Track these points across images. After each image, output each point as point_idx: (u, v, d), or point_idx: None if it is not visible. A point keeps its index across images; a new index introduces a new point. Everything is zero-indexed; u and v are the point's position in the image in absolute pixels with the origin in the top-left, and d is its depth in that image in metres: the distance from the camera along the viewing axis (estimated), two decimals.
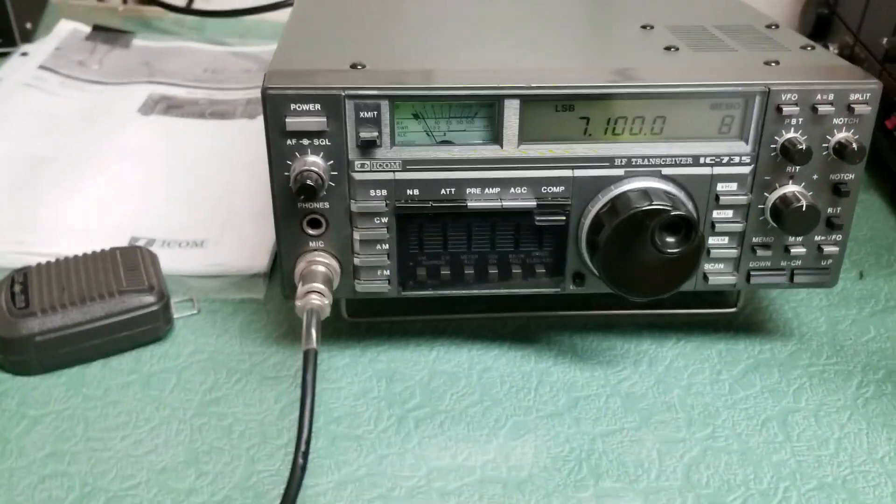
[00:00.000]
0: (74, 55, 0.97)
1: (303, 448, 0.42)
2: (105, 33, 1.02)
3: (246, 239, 0.67)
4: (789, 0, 1.05)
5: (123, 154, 0.78)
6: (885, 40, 0.70)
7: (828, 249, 0.53)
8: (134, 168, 0.76)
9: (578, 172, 0.50)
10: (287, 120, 0.47)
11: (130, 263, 0.59)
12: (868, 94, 0.50)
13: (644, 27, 0.60)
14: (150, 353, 0.58)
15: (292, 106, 0.47)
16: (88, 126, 0.82)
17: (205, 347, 0.58)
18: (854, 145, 0.49)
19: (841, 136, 0.50)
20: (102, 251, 0.60)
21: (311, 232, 0.51)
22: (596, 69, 0.51)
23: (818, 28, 0.90)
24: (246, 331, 0.60)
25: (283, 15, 0.90)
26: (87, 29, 1.03)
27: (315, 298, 0.48)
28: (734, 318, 0.62)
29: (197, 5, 1.13)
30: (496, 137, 0.50)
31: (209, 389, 0.55)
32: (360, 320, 0.61)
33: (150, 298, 0.57)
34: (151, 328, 0.57)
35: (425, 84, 0.48)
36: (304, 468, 0.42)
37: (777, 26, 0.60)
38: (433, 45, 0.55)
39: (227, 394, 0.55)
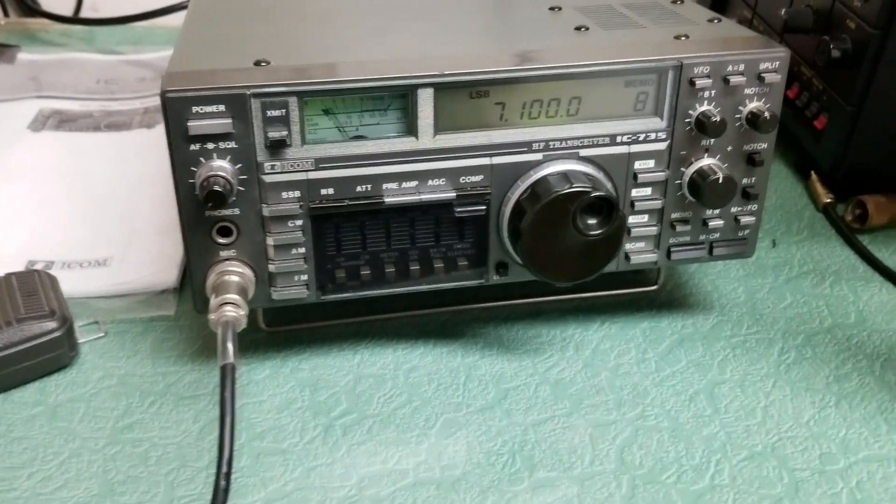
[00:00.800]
0: None
1: (224, 469, 0.40)
2: None
3: (152, 254, 0.64)
4: None
5: (14, 174, 0.73)
6: (783, 11, 0.72)
7: (745, 220, 0.54)
8: (27, 188, 0.72)
9: (496, 160, 0.49)
10: (189, 123, 0.45)
11: (28, 289, 0.55)
12: (777, 63, 0.50)
13: (552, 9, 0.59)
14: (55, 383, 0.54)
15: (194, 108, 0.45)
16: None
17: (114, 371, 0.55)
18: (766, 114, 0.50)
19: (753, 105, 0.50)
20: None
21: (221, 241, 0.48)
22: (508, 53, 0.50)
23: (716, 2, 0.92)
24: (158, 350, 0.57)
25: (176, 19, 0.86)
26: None
27: (229, 310, 0.46)
28: (656, 295, 0.62)
29: (84, 14, 1.08)
30: (411, 129, 0.48)
31: (121, 415, 0.52)
32: (279, 329, 0.58)
33: (51, 324, 0.53)
34: (55, 356, 0.54)
35: (334, 77, 0.46)
36: (226, 490, 0.40)
37: (682, 1, 0.60)
38: (340, 37, 0.53)
39: (141, 418, 0.52)
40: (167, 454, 0.49)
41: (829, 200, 0.71)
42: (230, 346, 0.44)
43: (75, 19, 1.02)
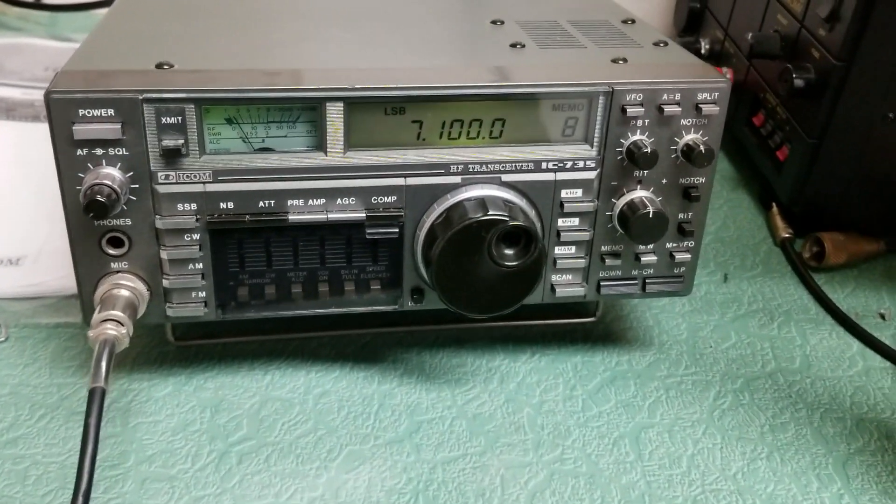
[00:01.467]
0: None
1: (80, 502, 0.37)
2: None
3: (67, 256, 0.60)
4: None
5: None
6: (749, 35, 0.68)
7: (680, 257, 0.51)
8: None
9: (411, 181, 0.46)
10: (75, 127, 0.42)
11: None
12: (717, 94, 0.47)
13: (494, 22, 0.56)
14: None
15: (80, 111, 0.42)
16: None
17: (8, 380, 0.52)
18: (702, 147, 0.47)
19: (689, 137, 0.47)
20: None
21: (111, 252, 0.45)
22: (431, 69, 0.47)
23: (690, 22, 0.89)
24: (58, 359, 0.54)
25: None
26: None
27: (111, 328, 0.43)
28: (593, 327, 0.59)
29: None
30: (320, 144, 0.45)
31: (7, 428, 0.49)
32: (188, 343, 0.55)
33: None
34: None
35: (236, 86, 0.43)
36: None
37: (633, 21, 0.57)
38: (256, 43, 0.50)
39: (28, 433, 0.49)
40: (48, 474, 0.46)
41: (787, 235, 0.68)
42: (103, 367, 0.41)
43: (34, 4, 0.99)
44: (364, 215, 0.46)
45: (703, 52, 0.83)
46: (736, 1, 0.79)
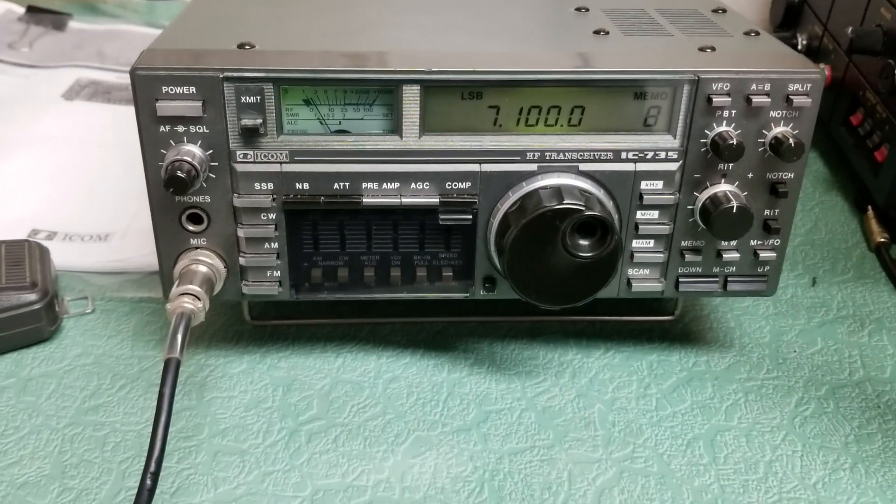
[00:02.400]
0: (4, 37, 0.92)
1: (152, 468, 0.38)
2: (39, 15, 0.97)
3: (152, 235, 0.62)
4: None
5: (38, 141, 0.73)
6: (850, 29, 0.65)
7: (764, 255, 0.49)
8: (46, 157, 0.71)
9: (486, 167, 0.46)
10: (158, 104, 0.43)
11: (15, 258, 0.54)
12: (809, 85, 0.45)
13: (579, 9, 0.55)
14: (32, 356, 0.53)
15: (164, 88, 0.43)
16: (5, 111, 0.78)
17: (92, 350, 0.54)
18: (791, 141, 0.45)
19: (778, 130, 0.45)
20: None
21: (191, 228, 0.46)
22: (508, 53, 0.46)
23: (788, 17, 0.85)
24: (140, 333, 0.55)
25: None
26: (20, 9, 0.98)
27: (187, 302, 0.44)
28: (671, 326, 0.57)
29: None
30: (396, 127, 0.45)
31: (90, 396, 0.50)
32: (264, 323, 0.56)
33: (31, 296, 0.52)
34: (34, 328, 0.53)
35: (314, 66, 0.44)
36: (152, 490, 0.38)
37: (724, 11, 0.55)
38: (336, 26, 0.50)
39: (108, 401, 0.50)
40: (126, 441, 0.48)
41: (882, 240, 0.65)
42: (179, 339, 0.42)
43: None
44: (438, 201, 0.46)
45: (799, 48, 0.80)
46: None
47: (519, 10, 0.55)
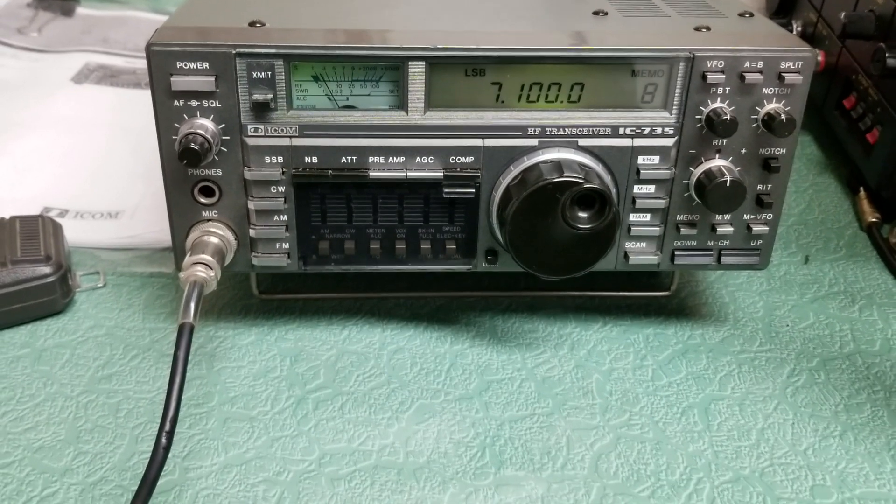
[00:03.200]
0: (13, 22, 0.93)
1: (167, 427, 0.39)
2: (48, 1, 0.99)
3: (161, 212, 0.63)
4: None
5: (49, 123, 0.75)
6: (843, 15, 0.67)
7: (757, 229, 0.50)
8: (57, 138, 0.73)
9: (489, 142, 0.47)
10: (173, 79, 0.44)
11: (29, 232, 0.56)
12: (800, 63, 0.46)
13: None
14: (46, 327, 0.55)
15: (178, 64, 0.44)
16: (17, 94, 0.79)
17: (104, 322, 0.55)
18: (783, 117, 0.46)
19: (770, 107, 0.47)
20: (2, 220, 0.57)
21: (203, 200, 0.48)
22: (511, 32, 0.48)
23: (783, 4, 0.87)
24: (151, 306, 0.57)
25: None
26: None
27: (200, 270, 0.45)
28: (667, 301, 0.59)
29: None
30: (401, 103, 0.47)
31: (102, 366, 0.52)
32: (271, 297, 0.58)
33: (45, 269, 0.54)
34: (48, 300, 0.54)
35: (322, 43, 0.45)
36: (167, 448, 0.40)
37: None
38: (344, 5, 0.52)
39: (121, 370, 0.52)
40: (138, 408, 0.49)
41: (874, 220, 0.66)
42: (192, 305, 0.43)
43: None
44: (442, 174, 0.47)
45: (794, 33, 0.82)
46: None
47: None
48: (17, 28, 0.93)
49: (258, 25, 0.47)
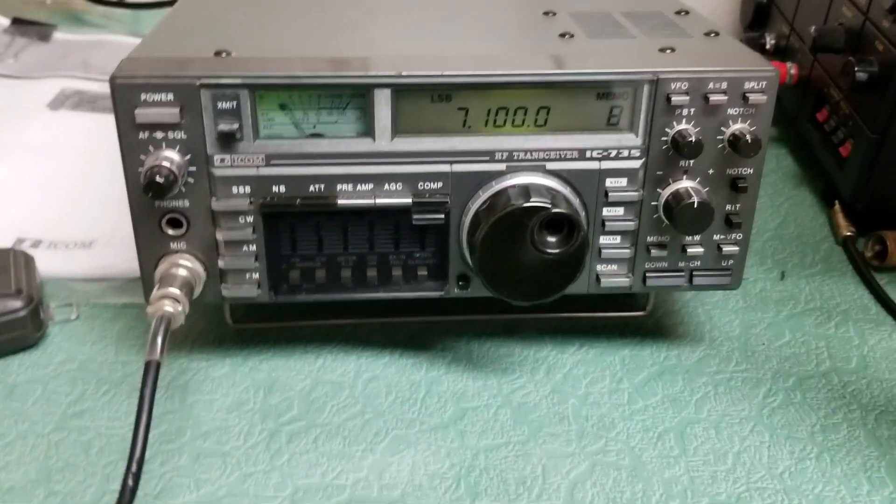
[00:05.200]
0: None
1: (133, 469, 0.39)
2: (24, 26, 0.98)
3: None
4: None
5: (24, 150, 0.75)
6: (812, 29, 0.67)
7: (727, 249, 0.50)
8: (32, 165, 0.73)
9: (457, 167, 0.47)
10: (137, 111, 0.44)
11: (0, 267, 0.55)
12: (764, 83, 0.46)
13: (546, 13, 0.56)
14: (18, 362, 0.54)
15: (143, 96, 0.44)
16: None
17: (77, 356, 0.55)
18: (748, 137, 0.46)
19: (736, 127, 0.47)
20: None
21: (171, 232, 0.47)
22: (477, 57, 0.48)
23: (757, 17, 0.87)
24: (123, 338, 0.56)
25: None
26: (6, 22, 0.99)
27: (167, 305, 0.45)
28: (643, 321, 0.59)
29: None
30: (368, 130, 0.47)
31: (74, 401, 0.51)
32: (245, 326, 0.57)
33: (16, 303, 0.53)
34: (19, 335, 0.54)
35: (288, 73, 0.45)
36: (133, 490, 0.39)
37: (687, 13, 0.57)
38: (310, 31, 0.52)
39: (93, 406, 0.51)
40: (109, 445, 0.49)
41: (849, 234, 0.66)
42: (159, 341, 0.43)
43: (116, 3, 1.03)
44: (411, 201, 0.47)
45: (768, 47, 0.82)
46: None
47: (489, 14, 0.56)
48: None
49: (223, 55, 0.47)
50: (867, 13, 0.63)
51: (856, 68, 0.60)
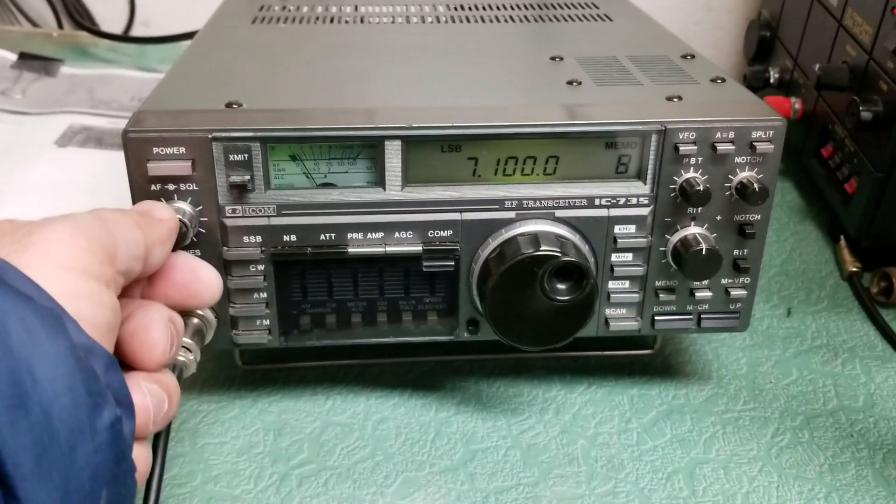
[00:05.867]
0: None
1: None
2: (31, 61, 0.99)
3: None
4: (735, 22, 1.03)
5: (31, 189, 0.75)
6: (817, 67, 0.68)
7: (735, 293, 0.51)
8: (40, 204, 0.73)
9: (467, 216, 0.48)
10: (149, 164, 0.45)
11: None
12: (772, 132, 0.47)
13: (553, 59, 0.57)
14: None
15: (155, 150, 0.45)
16: (0, 159, 0.79)
17: None
18: (756, 186, 0.47)
19: (743, 175, 0.47)
20: None
21: None
22: (485, 107, 0.48)
23: (761, 50, 0.88)
24: None
25: None
26: (13, 57, 1.00)
27: (179, 354, 0.45)
28: (651, 359, 0.59)
29: (136, 29, 1.10)
30: (379, 180, 0.47)
31: None
32: (255, 368, 0.58)
33: None
34: None
35: (300, 125, 0.45)
36: None
37: (693, 56, 0.58)
38: (321, 81, 0.52)
39: None
40: None
41: (854, 269, 0.67)
42: None
43: (122, 37, 1.04)
44: (421, 248, 0.48)
45: (772, 81, 0.83)
46: (805, 31, 0.78)
47: (496, 61, 0.57)
48: (0, 90, 0.93)
49: (235, 107, 0.47)
50: (871, 53, 0.63)
51: (861, 107, 0.61)
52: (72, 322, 0.32)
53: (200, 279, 0.43)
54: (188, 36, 1.01)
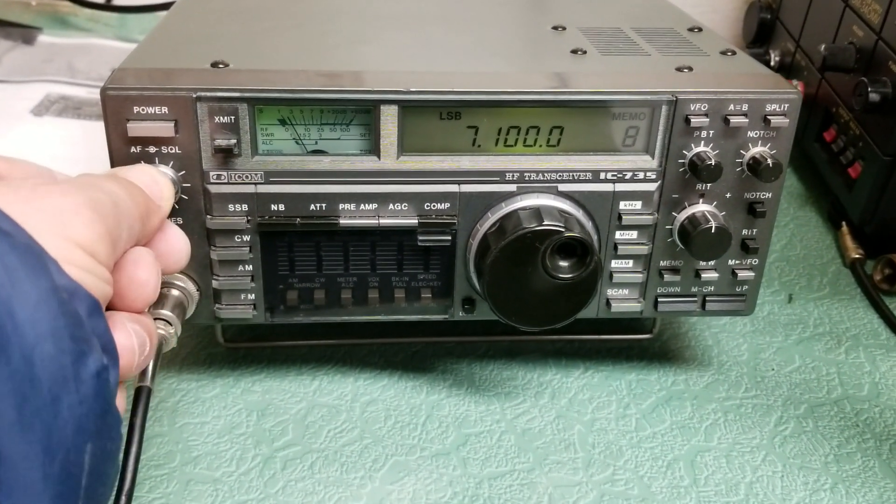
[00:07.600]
0: None
1: (122, 502, 0.36)
2: (8, 28, 0.95)
3: None
4: (734, 5, 1.01)
5: None
6: (822, 47, 0.66)
7: (742, 275, 0.49)
8: None
9: (465, 188, 0.45)
10: (129, 125, 0.42)
11: None
12: (787, 105, 0.45)
13: (555, 28, 0.55)
14: None
15: (135, 108, 0.42)
16: None
17: None
18: (769, 161, 0.44)
19: (756, 150, 0.45)
20: None
21: None
22: (487, 73, 0.46)
23: (761, 33, 0.86)
24: None
25: None
26: None
27: (159, 327, 0.42)
28: (650, 344, 0.57)
29: (118, 0, 1.07)
30: (373, 147, 0.45)
31: None
32: (238, 346, 0.55)
33: None
34: None
35: (289, 86, 0.43)
36: None
37: (700, 29, 0.55)
38: (312, 44, 0.50)
39: None
40: None
41: (857, 256, 0.65)
42: (150, 366, 0.41)
43: (103, 6, 1.01)
44: (416, 222, 0.45)
45: (772, 64, 0.81)
46: (809, 12, 0.76)
47: (496, 29, 0.55)
48: None
49: (221, 66, 0.45)
50: (880, 33, 0.61)
51: (869, 89, 0.59)
52: (52, 262, 0.29)
53: (168, 241, 0.40)
54: (170, 6, 0.98)
